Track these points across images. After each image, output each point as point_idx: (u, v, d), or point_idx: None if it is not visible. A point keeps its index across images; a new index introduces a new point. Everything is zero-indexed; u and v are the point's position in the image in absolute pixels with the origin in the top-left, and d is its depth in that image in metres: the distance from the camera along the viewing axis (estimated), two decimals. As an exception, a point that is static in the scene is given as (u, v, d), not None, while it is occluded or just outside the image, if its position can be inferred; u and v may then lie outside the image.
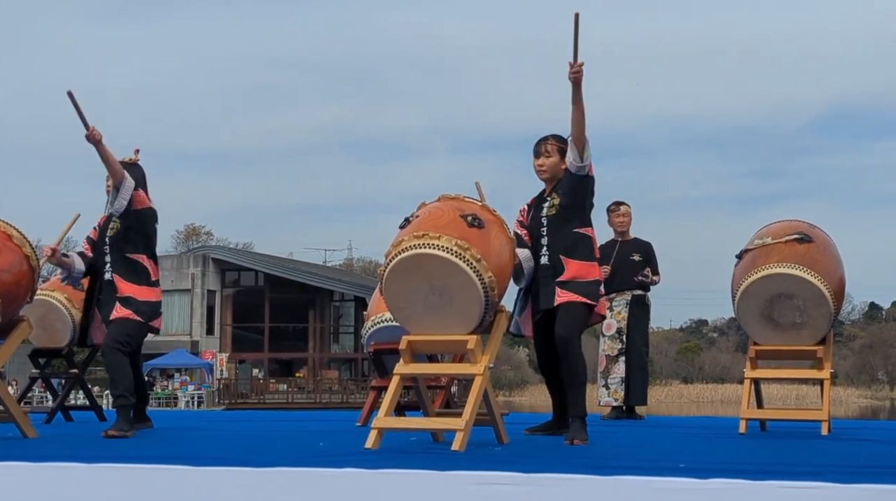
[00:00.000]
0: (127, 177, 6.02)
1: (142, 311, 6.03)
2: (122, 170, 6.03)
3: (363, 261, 74.35)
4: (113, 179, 6.05)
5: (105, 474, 3.97)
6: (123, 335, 5.95)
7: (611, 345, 8.39)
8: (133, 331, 6.01)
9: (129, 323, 5.98)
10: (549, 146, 5.49)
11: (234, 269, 49.87)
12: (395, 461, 3.97)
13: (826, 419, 5.97)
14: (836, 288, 5.94)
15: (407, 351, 4.91)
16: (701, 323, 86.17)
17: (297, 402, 40.65)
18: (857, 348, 69.25)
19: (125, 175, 6.01)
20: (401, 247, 4.77)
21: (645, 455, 4.63)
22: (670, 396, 61.31)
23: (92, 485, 3.92)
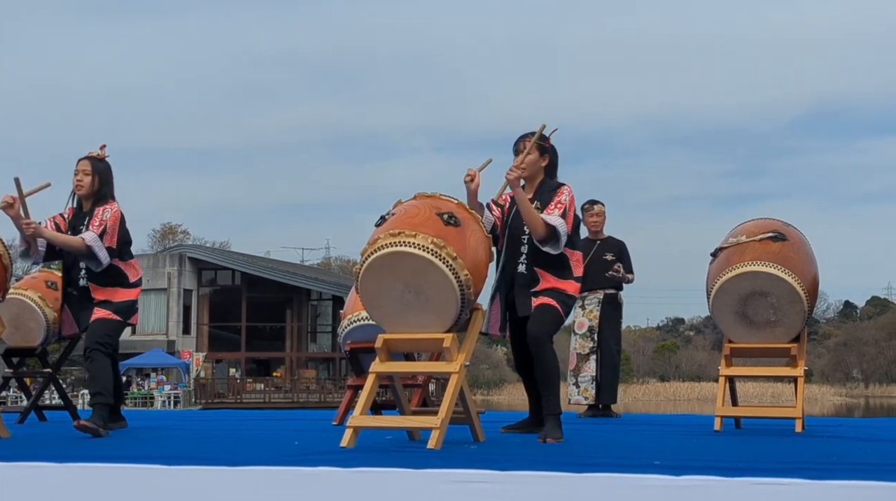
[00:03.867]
0: (85, 238, 5.88)
1: (120, 310, 6.02)
2: (77, 239, 5.89)
3: (341, 260, 74.25)
4: (75, 252, 5.96)
5: (78, 474, 3.94)
6: (104, 336, 5.92)
7: (582, 344, 8.40)
8: (112, 331, 6.00)
9: (108, 322, 5.96)
10: (528, 143, 5.49)
11: (210, 268, 49.67)
12: (369, 459, 3.96)
13: (800, 416, 6.01)
14: (810, 286, 5.98)
15: (383, 350, 4.90)
16: (678, 321, 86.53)
17: (274, 402, 40.55)
18: (832, 346, 69.71)
19: (82, 239, 5.88)
20: (376, 246, 4.76)
21: (620, 453, 4.65)
22: (647, 394, 61.54)
23: (65, 485, 3.89)
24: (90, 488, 3.86)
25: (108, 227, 5.96)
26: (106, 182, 6.15)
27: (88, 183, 6.11)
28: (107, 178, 6.16)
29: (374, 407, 6.33)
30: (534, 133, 5.51)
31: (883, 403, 52.38)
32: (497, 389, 61.89)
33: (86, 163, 6.14)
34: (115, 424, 6.32)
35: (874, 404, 52.28)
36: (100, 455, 4.39)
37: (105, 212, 6.01)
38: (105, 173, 6.15)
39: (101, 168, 6.14)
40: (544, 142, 5.51)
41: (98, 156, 6.19)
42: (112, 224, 5.98)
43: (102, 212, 6.01)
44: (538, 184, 5.50)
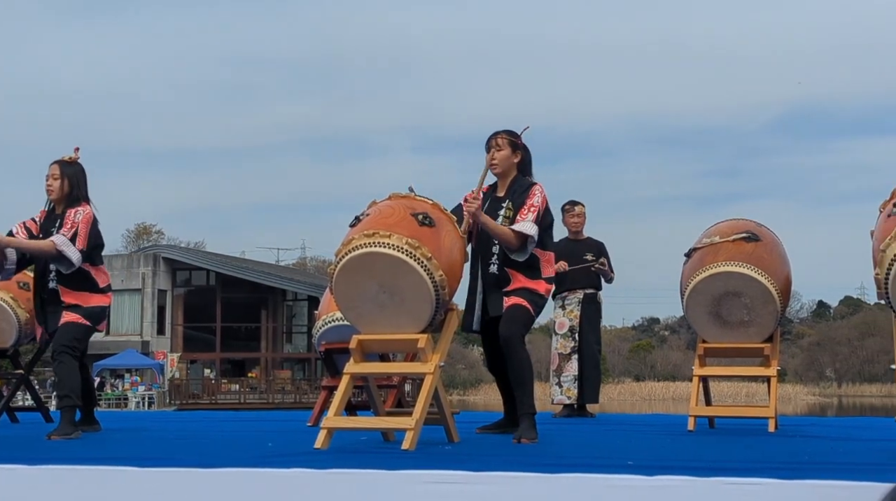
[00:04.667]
0: (56, 241, 5.82)
1: (89, 315, 5.97)
2: (47, 243, 5.83)
3: (317, 261, 74.08)
4: (46, 256, 5.92)
5: (50, 476, 3.92)
6: (72, 339, 5.87)
7: (563, 344, 8.42)
8: (80, 335, 5.94)
9: (77, 326, 5.91)
10: (500, 139, 5.51)
11: (185, 269, 49.45)
12: (343, 460, 3.96)
13: (773, 416, 6.04)
14: (783, 286, 6.02)
15: (357, 351, 4.90)
16: (653, 321, 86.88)
17: (249, 402, 40.42)
18: (806, 346, 70.17)
19: (52, 242, 5.82)
20: (351, 246, 4.75)
21: (594, 453, 4.66)
22: (623, 394, 61.74)
23: (37, 487, 3.86)
24: (63, 490, 3.83)
25: (80, 230, 5.92)
26: (76, 185, 6.11)
27: (58, 187, 6.08)
28: (77, 181, 6.11)
29: (349, 407, 6.32)
30: (507, 130, 5.56)
31: (856, 402, 52.78)
32: (473, 389, 61.92)
33: (55, 168, 6.11)
34: (88, 427, 6.28)
35: (847, 403, 52.68)
36: (72, 457, 4.36)
37: (77, 215, 5.97)
38: (75, 176, 6.10)
39: (71, 172, 6.10)
40: (516, 139, 5.53)
41: (69, 160, 6.15)
42: (83, 226, 5.94)
43: (74, 214, 5.97)
44: (511, 182, 5.52)
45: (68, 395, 5.81)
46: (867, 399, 55.75)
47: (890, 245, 4.25)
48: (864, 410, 41.16)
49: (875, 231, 4.54)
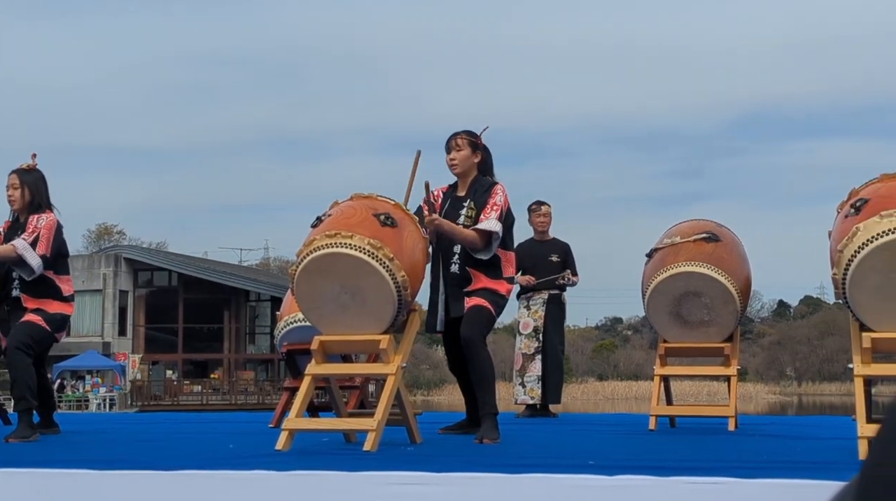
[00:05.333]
0: (16, 246, 5.77)
1: (50, 320, 5.91)
2: (7, 247, 5.78)
3: (280, 261, 73.73)
4: (7, 261, 5.86)
5: (5, 480, 3.87)
6: (27, 337, 5.80)
7: (527, 344, 8.45)
8: (37, 336, 5.87)
9: (36, 327, 5.85)
10: (460, 140, 5.53)
11: (146, 269, 49.07)
12: (304, 462, 3.94)
13: (733, 415, 6.09)
14: (743, 286, 6.07)
15: (319, 352, 4.88)
16: (616, 320, 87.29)
17: (212, 404, 40.17)
18: (767, 345, 70.78)
19: (13, 246, 5.77)
20: (312, 247, 4.74)
21: (555, 453, 4.67)
22: (586, 393, 62.02)
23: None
24: (19, 494, 3.79)
25: (42, 235, 5.87)
26: (37, 193, 6.06)
27: (18, 196, 6.03)
28: (38, 189, 6.06)
29: (311, 408, 6.30)
30: (466, 131, 5.57)
31: (815, 401, 53.32)
32: (437, 389, 61.92)
33: (14, 177, 6.06)
34: (47, 430, 6.21)
35: (807, 402, 53.22)
36: (32, 459, 4.31)
37: (39, 221, 5.93)
38: (34, 184, 6.05)
39: (30, 180, 6.05)
40: (476, 139, 5.55)
41: (27, 168, 6.10)
42: (46, 232, 5.88)
43: (37, 220, 5.94)
44: (471, 182, 5.53)
45: (24, 397, 5.74)
46: (826, 397, 56.32)
47: (847, 245, 4.29)
48: (823, 409, 41.59)
49: (833, 231, 4.59)
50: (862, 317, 4.45)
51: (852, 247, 4.27)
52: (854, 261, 4.26)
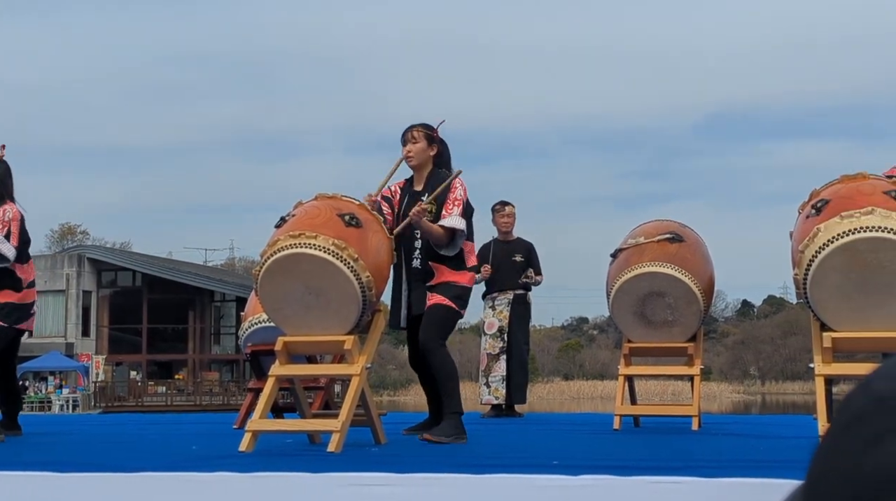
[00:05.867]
0: None
1: (7, 314, 5.84)
2: None
3: (245, 261, 73.39)
4: None
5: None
6: None
7: (492, 344, 8.46)
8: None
9: None
10: (416, 133, 5.56)
11: (110, 269, 48.68)
12: (268, 463, 3.92)
13: (696, 414, 6.13)
14: (706, 286, 6.11)
15: (283, 352, 4.86)
16: (582, 320, 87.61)
17: (176, 405, 39.93)
18: (730, 344, 71.32)
19: None
20: (276, 247, 4.72)
21: (520, 453, 4.68)
22: (552, 393, 62.22)
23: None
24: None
25: (12, 228, 5.83)
26: (2, 183, 6.00)
27: None
28: (2, 180, 6.00)
29: (276, 409, 6.27)
30: (422, 123, 5.61)
31: (779, 400, 53.81)
32: (404, 389, 61.88)
33: None
34: (10, 431, 6.14)
35: (770, 401, 53.71)
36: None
37: (6, 214, 5.88)
38: (3, 175, 5.99)
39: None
40: (432, 132, 5.59)
41: None
42: (15, 225, 5.85)
43: (3, 212, 5.88)
44: (428, 175, 5.56)
45: None
46: (789, 396, 56.85)
47: (808, 246, 4.33)
48: (786, 407, 41.98)
49: (794, 232, 4.63)
50: (823, 317, 4.49)
51: (813, 247, 4.31)
52: (815, 262, 4.30)
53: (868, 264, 4.26)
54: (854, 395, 0.46)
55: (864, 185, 4.45)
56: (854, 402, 0.45)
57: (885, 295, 4.31)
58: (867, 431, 0.43)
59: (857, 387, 0.47)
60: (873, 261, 4.25)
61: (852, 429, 0.44)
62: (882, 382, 0.44)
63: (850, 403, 0.46)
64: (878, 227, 4.21)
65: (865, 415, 0.44)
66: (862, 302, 4.33)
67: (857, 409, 0.45)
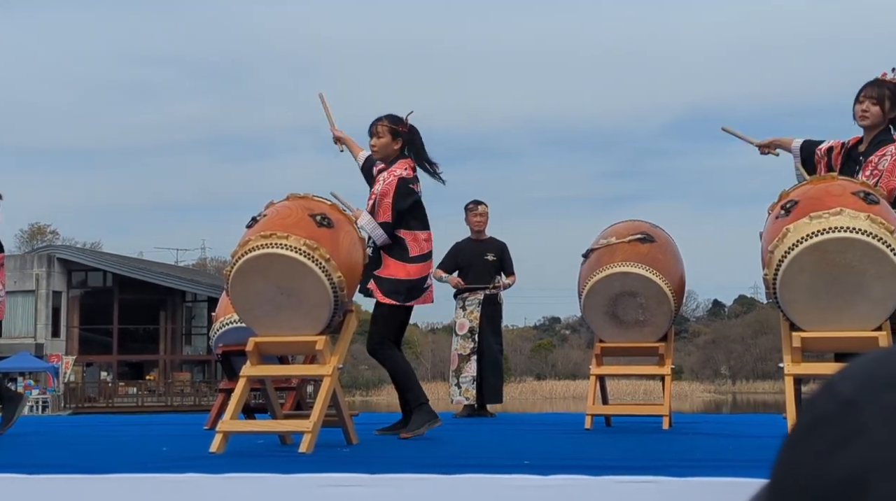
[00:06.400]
0: None
1: None
2: None
3: (217, 261, 73.05)
4: None
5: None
6: None
7: (463, 345, 8.47)
8: None
9: None
10: (381, 127, 5.69)
11: (80, 270, 48.32)
12: (239, 464, 3.90)
13: (667, 413, 6.15)
14: (677, 286, 6.14)
15: (254, 353, 4.84)
16: (554, 320, 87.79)
17: (147, 405, 39.70)
18: (702, 344, 71.70)
19: None
20: (247, 247, 4.70)
21: (491, 453, 4.69)
22: (524, 393, 62.31)
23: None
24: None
25: None
26: None
27: None
28: None
29: (248, 410, 6.25)
30: (389, 116, 5.68)
31: (749, 399, 54.15)
32: (376, 390, 61.73)
33: None
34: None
35: (741, 400, 54.02)
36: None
37: None
38: None
39: None
40: (397, 125, 5.65)
41: None
42: None
43: None
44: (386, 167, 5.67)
45: None
46: (760, 395, 57.22)
47: (777, 246, 4.36)
48: (756, 407, 42.25)
49: (763, 232, 4.66)
50: (792, 317, 4.52)
51: (782, 247, 4.34)
52: (784, 262, 4.33)
53: (837, 264, 4.30)
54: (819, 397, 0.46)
55: (833, 186, 4.49)
56: (819, 404, 0.46)
57: (853, 295, 4.34)
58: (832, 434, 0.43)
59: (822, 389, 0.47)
60: (842, 262, 4.28)
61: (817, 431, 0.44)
62: (847, 384, 0.44)
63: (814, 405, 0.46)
64: (846, 228, 4.24)
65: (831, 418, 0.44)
66: (831, 302, 4.37)
67: (822, 411, 0.45)
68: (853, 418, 0.42)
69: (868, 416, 0.41)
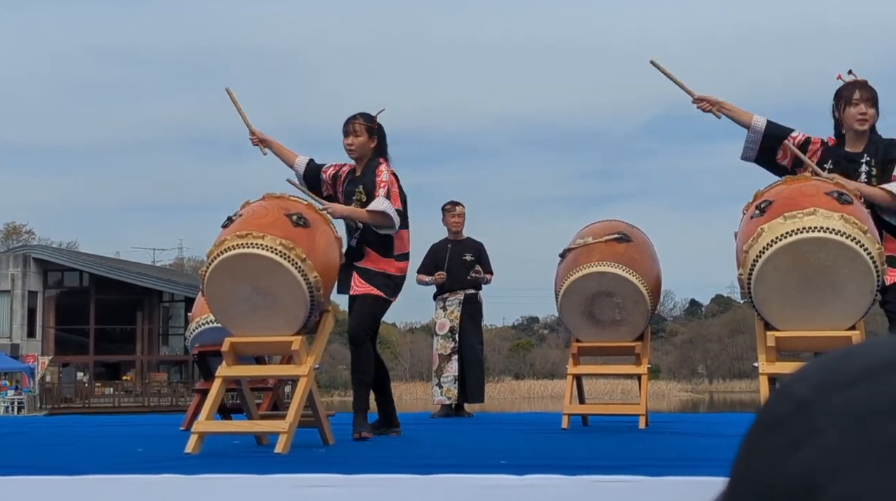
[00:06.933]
0: None
1: None
2: None
3: (194, 261, 72.75)
4: None
5: None
6: None
7: (444, 344, 8.47)
8: None
9: None
10: (358, 125, 5.64)
11: (57, 270, 48.03)
12: (214, 465, 3.89)
13: (643, 413, 6.17)
14: (653, 286, 6.17)
15: (230, 353, 4.82)
16: (532, 320, 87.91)
17: (124, 406, 39.51)
18: (679, 344, 71.95)
19: None
20: (223, 247, 4.68)
21: (468, 453, 4.69)
22: (503, 392, 62.36)
23: None
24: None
25: None
26: None
27: None
28: None
29: (224, 411, 6.22)
30: (362, 114, 5.66)
31: (726, 398, 54.40)
32: (355, 390, 61.64)
33: None
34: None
35: (718, 399, 54.26)
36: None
37: None
38: None
39: None
40: (372, 123, 5.64)
41: None
42: None
43: None
44: (365, 164, 5.64)
45: None
46: (736, 394, 57.48)
47: (752, 246, 4.38)
48: (733, 406, 42.43)
49: (738, 232, 4.68)
50: (766, 317, 4.55)
51: (757, 247, 4.36)
52: (759, 262, 4.36)
53: (811, 264, 4.32)
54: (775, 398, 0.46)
55: (807, 187, 4.52)
56: (774, 405, 0.46)
57: (826, 294, 4.37)
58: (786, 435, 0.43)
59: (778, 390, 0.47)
60: (815, 261, 4.31)
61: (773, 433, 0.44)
62: (802, 385, 0.45)
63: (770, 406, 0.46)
64: (820, 228, 4.27)
65: (785, 419, 0.44)
66: (804, 302, 4.39)
67: (777, 412, 0.45)
68: (807, 420, 0.42)
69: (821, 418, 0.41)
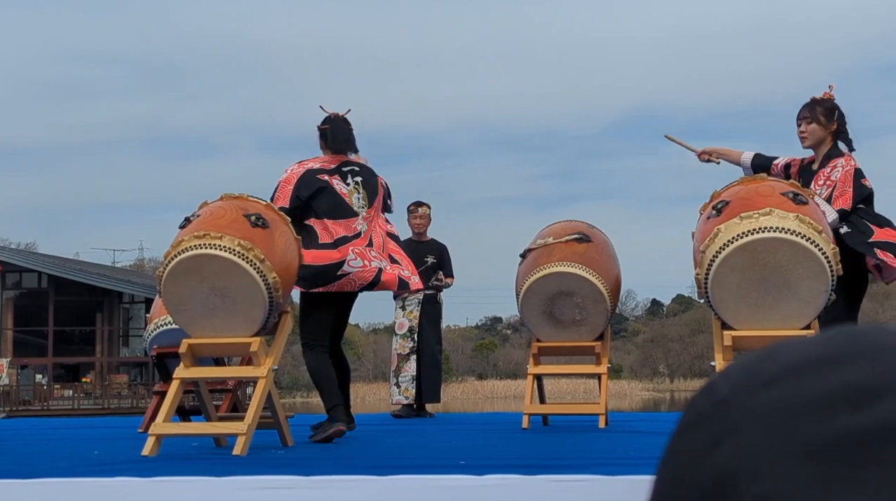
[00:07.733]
0: None
1: None
2: None
3: (155, 262, 72.15)
4: None
5: None
6: None
7: (402, 344, 8.47)
8: None
9: None
10: None
11: (15, 271, 47.46)
12: (171, 468, 3.86)
13: (603, 412, 6.20)
14: (613, 286, 6.20)
15: (188, 355, 4.79)
16: (496, 320, 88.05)
17: (83, 408, 39.08)
18: (640, 343, 72.37)
19: None
20: (180, 248, 4.65)
21: (428, 454, 4.69)
22: (465, 393, 62.43)
23: None
24: None
25: None
26: None
27: None
28: None
29: (183, 412, 6.18)
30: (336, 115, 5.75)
31: (687, 396, 54.49)
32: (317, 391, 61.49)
33: None
34: None
35: (679, 398, 54.59)
36: None
37: None
38: None
39: None
40: (320, 126, 5.77)
41: None
42: None
43: None
44: None
45: None
46: (698, 393, 57.81)
47: (709, 246, 4.42)
48: (694, 404, 42.65)
49: (696, 233, 4.72)
50: (723, 316, 4.58)
51: (714, 247, 4.40)
52: (715, 262, 4.39)
53: (766, 264, 4.36)
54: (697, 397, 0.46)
55: (763, 187, 4.56)
56: (696, 404, 0.46)
57: (782, 294, 4.41)
58: (707, 433, 0.43)
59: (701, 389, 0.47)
60: (771, 261, 4.35)
61: (694, 431, 0.44)
62: (724, 384, 0.45)
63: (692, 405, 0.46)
64: (775, 228, 4.31)
65: (706, 417, 0.44)
66: (761, 301, 4.44)
67: (699, 410, 0.45)
68: (726, 418, 0.42)
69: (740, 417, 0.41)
